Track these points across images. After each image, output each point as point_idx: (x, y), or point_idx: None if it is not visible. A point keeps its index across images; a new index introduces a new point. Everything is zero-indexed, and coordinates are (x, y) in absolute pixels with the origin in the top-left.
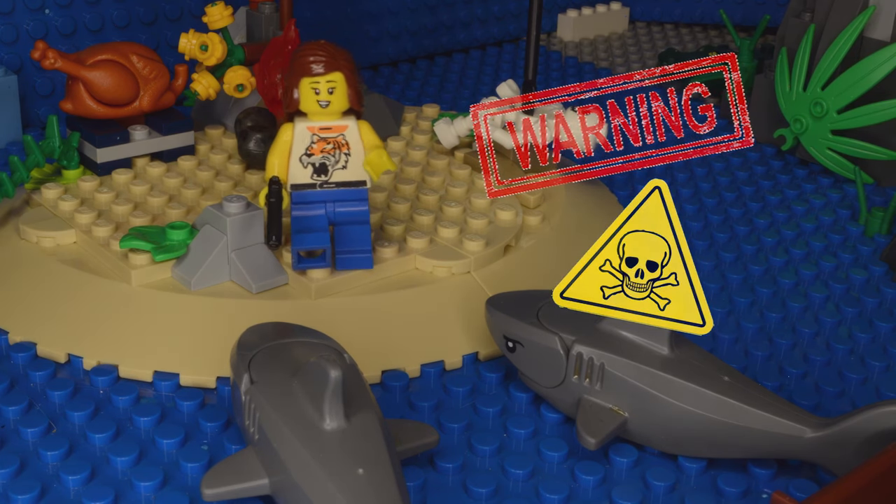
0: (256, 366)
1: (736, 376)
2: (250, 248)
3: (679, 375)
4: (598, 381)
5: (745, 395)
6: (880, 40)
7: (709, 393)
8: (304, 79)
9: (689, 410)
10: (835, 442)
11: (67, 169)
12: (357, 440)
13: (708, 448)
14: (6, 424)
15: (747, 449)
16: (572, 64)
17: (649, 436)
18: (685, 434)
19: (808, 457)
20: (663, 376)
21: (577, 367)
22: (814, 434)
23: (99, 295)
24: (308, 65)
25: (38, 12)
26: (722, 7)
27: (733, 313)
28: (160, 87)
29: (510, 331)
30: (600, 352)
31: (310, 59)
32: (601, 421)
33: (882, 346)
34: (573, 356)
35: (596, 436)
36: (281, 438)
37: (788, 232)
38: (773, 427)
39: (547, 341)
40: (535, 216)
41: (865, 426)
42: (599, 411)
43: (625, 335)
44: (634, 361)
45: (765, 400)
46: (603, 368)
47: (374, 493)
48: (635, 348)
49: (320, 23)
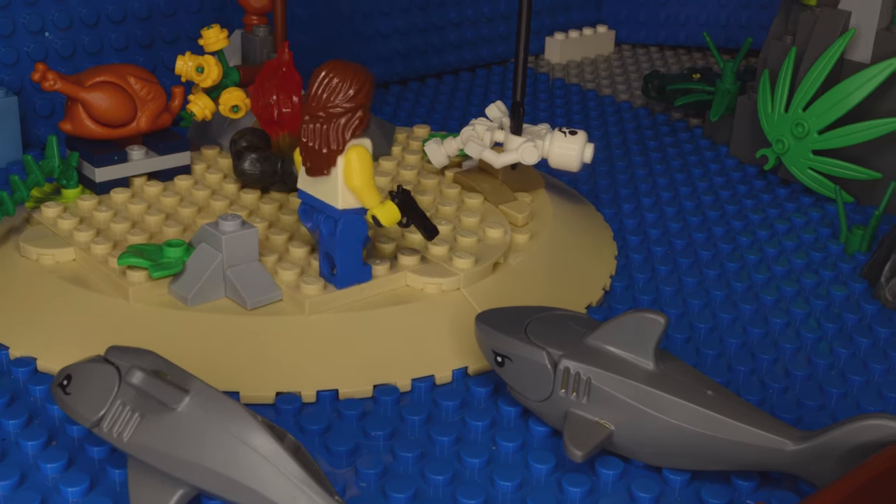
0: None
1: (719, 390)
2: (245, 265)
3: (663, 389)
4: (585, 394)
5: (728, 408)
6: (860, 62)
7: (692, 406)
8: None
9: (672, 424)
10: (816, 454)
11: (67, 188)
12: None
13: (692, 461)
14: (7, 437)
15: (730, 462)
16: (559, 85)
17: (634, 448)
18: (669, 447)
19: (789, 469)
20: (648, 390)
21: (564, 382)
22: (795, 447)
23: (97, 311)
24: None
25: (39, 35)
26: (705, 30)
27: (716, 329)
28: (157, 108)
29: (498, 346)
30: (587, 366)
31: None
32: (587, 434)
33: (862, 361)
34: (560, 370)
35: (582, 448)
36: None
37: (770, 250)
38: (756, 440)
39: (534, 356)
40: (523, 234)
41: (846, 439)
42: (586, 424)
43: (611, 350)
44: (620, 376)
45: (747, 413)
46: (589, 382)
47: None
48: (621, 363)
49: (314, 46)
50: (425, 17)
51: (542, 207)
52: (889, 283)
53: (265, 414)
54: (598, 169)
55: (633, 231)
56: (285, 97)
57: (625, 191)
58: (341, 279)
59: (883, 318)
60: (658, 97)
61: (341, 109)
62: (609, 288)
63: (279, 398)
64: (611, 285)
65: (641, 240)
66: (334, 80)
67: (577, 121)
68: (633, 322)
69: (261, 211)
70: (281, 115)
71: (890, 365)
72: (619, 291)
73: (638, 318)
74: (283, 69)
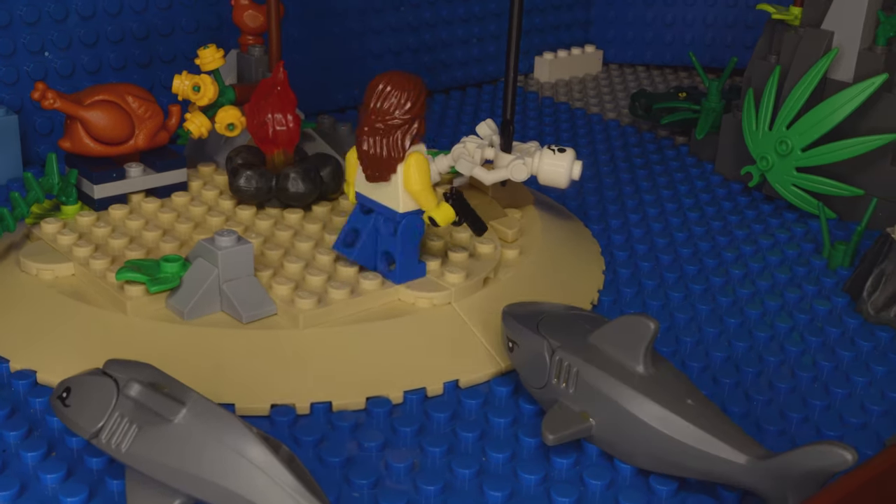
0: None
1: (700, 400)
2: (240, 279)
3: (642, 391)
4: (573, 386)
5: (699, 416)
6: (843, 81)
7: (662, 409)
8: None
9: (642, 423)
10: (770, 474)
11: (66, 204)
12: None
13: (658, 463)
14: (7, 449)
15: (691, 469)
16: (548, 104)
17: (611, 444)
18: (639, 446)
19: (748, 485)
20: (627, 389)
21: (557, 371)
22: (751, 462)
23: (96, 325)
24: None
25: (38, 55)
26: (691, 50)
27: (702, 343)
28: (155, 127)
29: (511, 332)
30: (578, 359)
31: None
32: (565, 421)
33: (844, 374)
34: (555, 360)
35: (555, 432)
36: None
37: (755, 265)
38: (715, 450)
39: (536, 344)
40: (513, 250)
41: (799, 462)
42: (567, 413)
43: (605, 349)
44: (605, 372)
45: (716, 424)
46: (578, 375)
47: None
48: (610, 361)
49: (308, 65)
50: (417, 37)
51: (531, 223)
52: (871, 298)
53: (260, 426)
54: (587, 186)
55: (620, 247)
56: (280, 115)
57: (612, 207)
58: (400, 275)
59: (865, 331)
60: (645, 115)
61: (400, 121)
62: (597, 302)
63: (274, 410)
64: (599, 299)
65: (629, 255)
66: (392, 92)
67: (566, 138)
68: (628, 325)
69: (256, 227)
70: (276, 132)
71: (872, 378)
72: (606, 305)
73: (631, 321)
74: (277, 88)
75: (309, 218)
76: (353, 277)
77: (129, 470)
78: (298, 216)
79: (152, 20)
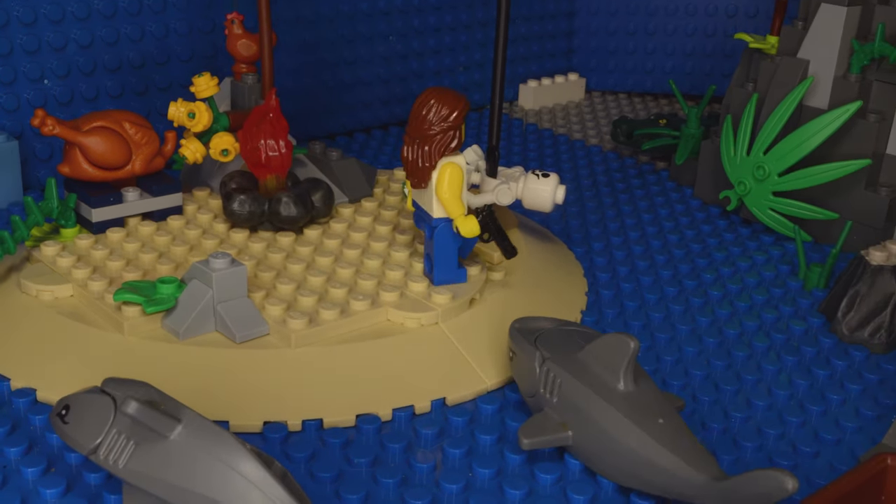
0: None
1: (670, 418)
2: (234, 301)
3: (615, 405)
4: (556, 396)
5: (663, 433)
6: (818, 108)
7: (628, 423)
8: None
9: (609, 435)
10: (722, 495)
11: (65, 228)
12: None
13: (623, 476)
14: (8, 464)
15: (650, 483)
16: (532, 130)
17: (587, 456)
18: (606, 457)
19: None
20: (601, 402)
21: (544, 382)
22: (705, 482)
23: (94, 344)
24: (466, 107)
25: (38, 83)
26: (671, 78)
27: (682, 361)
28: (151, 152)
29: (512, 342)
30: (563, 372)
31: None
32: (541, 428)
33: (820, 392)
34: (544, 371)
35: (530, 437)
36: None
37: (733, 286)
38: (672, 467)
39: (529, 355)
40: (498, 272)
41: (746, 485)
42: (547, 421)
43: (590, 364)
44: (585, 385)
45: (678, 443)
46: (561, 386)
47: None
48: (592, 376)
49: (299, 93)
50: (405, 65)
51: (516, 246)
52: (845, 319)
53: (253, 442)
54: (570, 209)
55: (602, 268)
56: (273, 141)
57: (595, 230)
58: (437, 277)
59: (839, 351)
60: (626, 141)
61: (435, 130)
62: (580, 322)
63: (266, 427)
64: (581, 320)
65: (611, 276)
66: (433, 105)
67: (550, 164)
68: (611, 342)
69: (249, 249)
70: (268, 158)
71: (846, 396)
72: (589, 326)
73: (614, 340)
74: (270, 115)
75: (300, 241)
76: (343, 298)
77: (127, 485)
78: (290, 239)
79: (148, 49)
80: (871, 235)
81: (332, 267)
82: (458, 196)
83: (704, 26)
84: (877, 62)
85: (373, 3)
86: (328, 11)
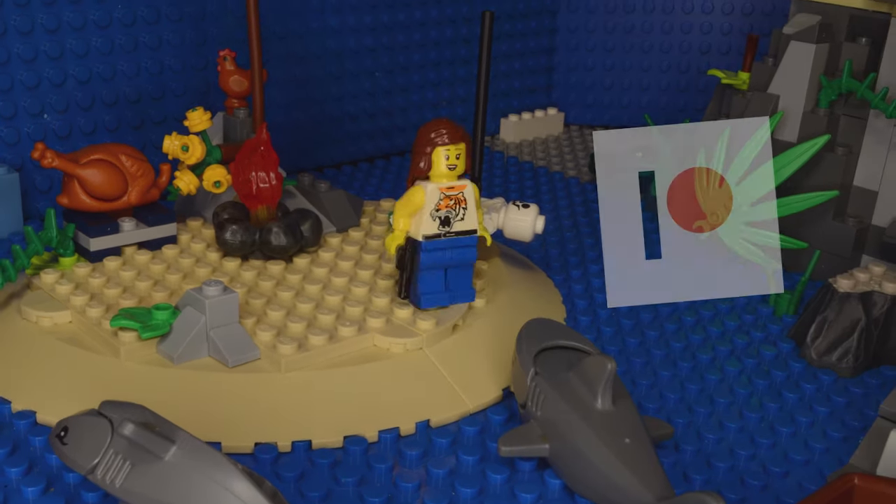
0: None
1: (638, 439)
2: (226, 327)
3: (587, 422)
4: (540, 410)
5: (624, 451)
6: (788, 141)
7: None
8: (438, 148)
9: (577, 450)
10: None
11: (64, 256)
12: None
13: (585, 489)
14: (9, 484)
15: (608, 499)
16: (513, 163)
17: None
18: (574, 471)
19: None
20: (574, 418)
21: (532, 395)
22: (653, 501)
23: (92, 369)
24: (442, 136)
25: (38, 117)
26: (647, 112)
27: (656, 385)
28: (146, 184)
29: (517, 349)
30: (547, 387)
31: (443, 132)
32: (521, 438)
33: (790, 415)
34: (532, 385)
35: (508, 445)
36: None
37: (706, 312)
38: (627, 484)
39: (525, 368)
40: (480, 299)
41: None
42: (529, 433)
43: (573, 382)
44: (564, 402)
45: (637, 462)
46: (545, 402)
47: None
48: (572, 393)
49: (290, 127)
50: (390, 100)
51: (497, 274)
52: (814, 344)
53: (245, 462)
54: (549, 239)
55: (580, 296)
56: (263, 173)
57: (573, 259)
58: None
59: (808, 374)
60: None
61: (416, 154)
62: None
63: (257, 448)
64: None
65: (588, 303)
66: (421, 132)
67: (530, 195)
68: (592, 364)
69: (241, 277)
70: (259, 189)
71: (815, 418)
72: None
73: (594, 361)
74: (261, 148)
75: (290, 269)
76: (331, 324)
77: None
78: (280, 267)
79: (144, 85)
80: (838, 264)
81: (321, 294)
82: (404, 212)
83: (678, 63)
84: (844, 97)
85: (359, 40)
86: (317, 49)
